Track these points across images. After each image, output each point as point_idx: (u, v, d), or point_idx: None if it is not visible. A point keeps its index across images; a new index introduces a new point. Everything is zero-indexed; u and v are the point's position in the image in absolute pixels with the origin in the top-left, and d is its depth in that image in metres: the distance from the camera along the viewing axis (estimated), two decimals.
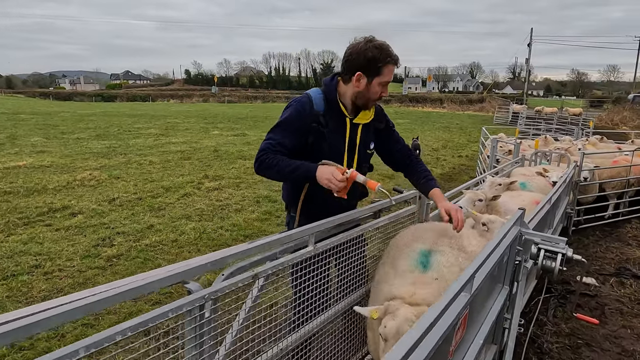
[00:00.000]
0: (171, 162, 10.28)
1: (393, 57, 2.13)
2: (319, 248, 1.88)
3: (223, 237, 5.40)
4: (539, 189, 4.57)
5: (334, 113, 2.22)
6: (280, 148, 2.11)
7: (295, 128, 2.16)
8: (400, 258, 1.92)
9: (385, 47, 2.10)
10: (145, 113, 28.34)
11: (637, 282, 4.48)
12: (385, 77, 2.15)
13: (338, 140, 2.23)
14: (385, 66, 2.11)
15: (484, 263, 1.60)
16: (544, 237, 2.60)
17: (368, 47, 2.08)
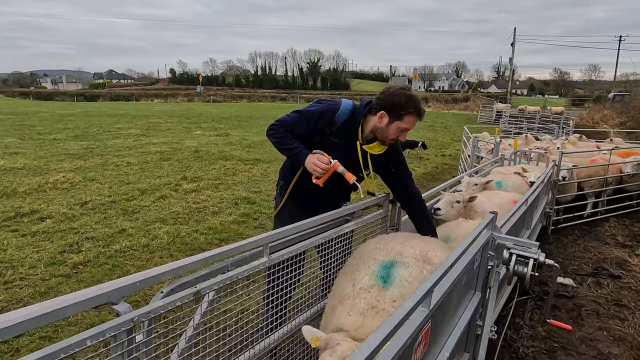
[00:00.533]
0: (149, 164, 10.05)
1: (417, 109, 2.30)
2: (274, 259, 1.76)
3: (197, 241, 5.24)
4: (514, 188, 4.52)
5: (350, 132, 2.42)
6: (289, 127, 2.42)
7: (310, 121, 2.40)
8: (361, 269, 1.80)
9: (413, 98, 2.29)
10: (127, 113, 27.85)
11: (614, 283, 4.47)
12: (405, 124, 2.32)
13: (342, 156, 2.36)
14: (407, 114, 2.29)
15: (444, 275, 1.49)
16: (516, 241, 2.52)
17: (398, 93, 2.28)
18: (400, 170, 2.62)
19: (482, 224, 2.39)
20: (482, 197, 4.10)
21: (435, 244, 2.05)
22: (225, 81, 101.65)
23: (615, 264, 5.00)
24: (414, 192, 2.66)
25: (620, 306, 3.98)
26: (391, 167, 2.60)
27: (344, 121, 2.41)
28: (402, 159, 2.65)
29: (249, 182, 8.48)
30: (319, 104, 2.49)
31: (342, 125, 2.40)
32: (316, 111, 2.42)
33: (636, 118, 22.94)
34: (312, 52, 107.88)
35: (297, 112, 2.48)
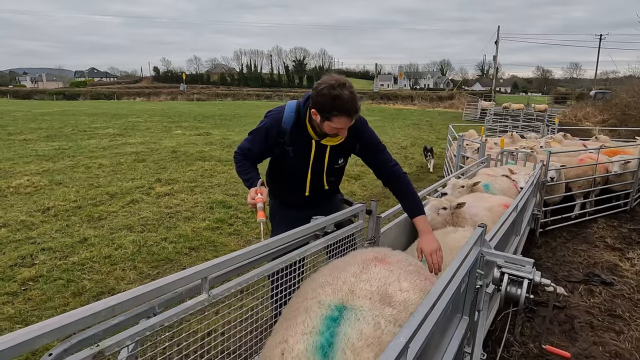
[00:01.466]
0: (123, 165, 9.57)
1: (345, 110, 2.07)
2: (216, 295, 1.42)
3: (165, 251, 4.86)
4: (502, 191, 4.26)
5: (301, 132, 2.31)
6: (248, 153, 2.40)
7: (261, 140, 2.37)
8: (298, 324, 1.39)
9: (339, 98, 2.04)
10: (106, 112, 27.06)
11: (607, 290, 4.24)
12: (335, 124, 2.13)
13: (302, 158, 2.36)
14: (334, 116, 2.09)
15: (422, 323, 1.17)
16: (508, 258, 2.24)
17: (324, 92, 2.06)
18: (367, 147, 2.44)
19: (471, 240, 2.09)
20: (470, 200, 3.83)
21: (402, 269, 1.70)
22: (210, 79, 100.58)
23: (606, 269, 4.78)
24: (391, 165, 2.46)
25: (614, 317, 3.74)
26: (356, 147, 2.44)
27: (292, 125, 2.31)
28: (366, 134, 2.42)
29: (227, 185, 8.10)
30: (266, 118, 2.42)
31: (292, 130, 2.31)
32: (262, 128, 2.37)
33: (618, 115, 23.14)
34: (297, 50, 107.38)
35: (251, 132, 2.44)
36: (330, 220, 2.24)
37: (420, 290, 1.62)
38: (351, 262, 1.76)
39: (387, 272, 1.66)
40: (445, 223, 3.25)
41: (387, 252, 1.92)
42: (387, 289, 1.56)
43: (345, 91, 2.05)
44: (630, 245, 5.53)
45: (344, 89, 2.06)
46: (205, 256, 4.80)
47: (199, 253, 4.89)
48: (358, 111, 2.14)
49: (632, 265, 4.84)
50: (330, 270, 1.76)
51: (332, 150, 2.39)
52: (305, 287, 1.72)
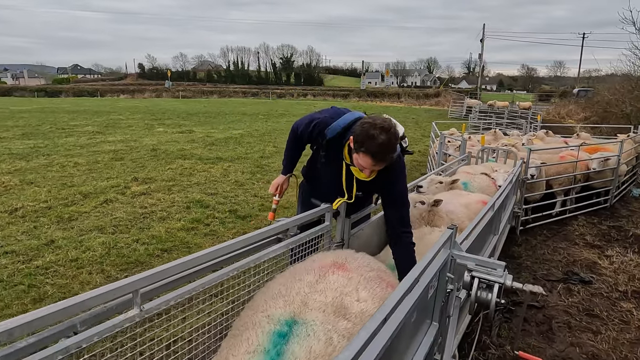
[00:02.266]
0: (99, 164, 9.31)
1: (370, 151, 2.04)
2: (150, 310, 1.28)
3: (136, 253, 4.68)
4: (480, 189, 4.19)
5: (337, 149, 2.34)
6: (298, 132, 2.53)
7: (307, 130, 2.47)
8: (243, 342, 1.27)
9: (372, 138, 2.01)
10: (87, 109, 26.52)
11: (585, 289, 4.20)
12: (360, 160, 2.12)
13: (330, 172, 2.41)
14: (362, 153, 2.08)
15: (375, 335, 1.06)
16: (479, 261, 2.13)
17: (365, 127, 2.04)
18: (389, 196, 2.34)
19: (439, 242, 1.99)
20: (448, 197, 3.74)
21: (362, 276, 1.58)
22: (196, 76, 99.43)
23: (585, 267, 4.75)
24: (403, 231, 2.33)
25: (592, 316, 3.69)
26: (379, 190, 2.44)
27: (333, 136, 2.32)
28: (396, 185, 2.32)
29: (206, 183, 7.91)
30: (324, 112, 2.49)
31: (330, 140, 2.33)
32: (314, 118, 2.45)
33: (600, 113, 23.44)
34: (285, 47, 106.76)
35: (310, 115, 2.52)
36: (293, 223, 2.11)
37: (380, 299, 1.51)
38: (308, 269, 1.63)
39: (345, 280, 1.54)
40: (421, 219, 3.15)
41: (349, 256, 1.80)
42: (343, 300, 1.44)
43: (383, 136, 2.00)
44: (610, 243, 5.53)
45: (383, 133, 2.01)
46: (178, 257, 4.62)
47: (172, 255, 4.72)
48: (385, 160, 2.09)
49: (611, 263, 4.82)
50: (286, 278, 1.63)
51: (358, 182, 2.36)
52: (259, 298, 1.59)
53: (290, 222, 2.08)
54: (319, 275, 1.57)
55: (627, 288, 4.17)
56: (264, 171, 8.88)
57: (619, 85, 21.65)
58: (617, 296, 4.04)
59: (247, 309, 1.59)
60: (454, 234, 2.09)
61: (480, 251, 3.42)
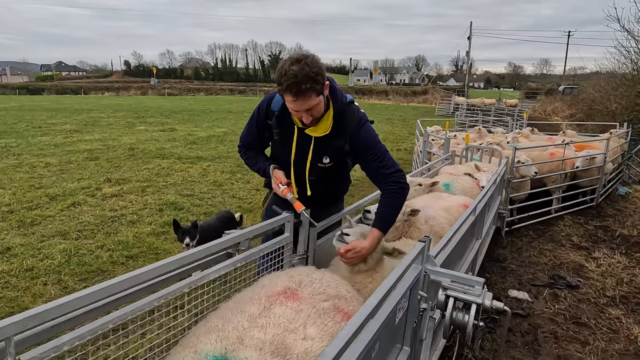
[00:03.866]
0: (72, 164, 8.91)
1: (284, 85, 1.84)
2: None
3: (99, 261, 4.37)
4: (463, 191, 3.96)
5: (287, 117, 2.14)
6: (247, 141, 2.35)
7: (253, 122, 2.28)
8: None
9: (285, 73, 1.83)
10: (68, 107, 25.83)
11: (572, 294, 4.02)
12: (288, 104, 1.95)
13: (286, 146, 2.19)
14: (282, 93, 1.91)
15: None
16: (455, 277, 1.89)
17: (279, 66, 1.88)
18: (358, 149, 2.15)
19: (410, 256, 1.75)
20: (428, 200, 3.51)
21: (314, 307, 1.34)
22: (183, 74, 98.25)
23: (572, 270, 4.58)
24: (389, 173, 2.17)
25: (579, 325, 3.50)
26: (345, 147, 2.14)
27: (280, 107, 2.13)
28: (360, 135, 2.13)
29: (183, 184, 7.60)
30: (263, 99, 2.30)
31: (280, 113, 2.15)
32: (255, 109, 2.27)
33: (585, 110, 23.56)
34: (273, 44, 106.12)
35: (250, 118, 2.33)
36: (245, 235, 1.85)
37: (330, 336, 1.26)
38: (254, 299, 1.38)
39: (292, 313, 1.29)
40: (394, 231, 2.91)
41: (304, 279, 1.55)
42: (285, 338, 1.19)
43: (294, 67, 1.81)
44: (596, 244, 5.37)
45: (294, 64, 1.82)
46: (144, 265, 4.33)
47: (137, 262, 4.42)
48: (303, 92, 1.84)
49: (598, 265, 4.65)
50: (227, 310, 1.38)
51: (317, 144, 2.14)
52: (194, 331, 1.34)
53: (241, 235, 1.82)
54: (264, 306, 1.32)
55: (614, 293, 3.99)
56: (245, 170, 8.57)
57: (604, 82, 21.76)
58: (604, 302, 3.87)
59: (179, 344, 1.34)
60: (427, 246, 1.85)
61: (461, 258, 3.20)
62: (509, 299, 3.91)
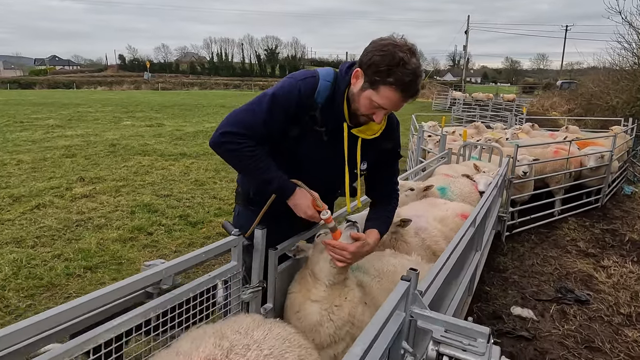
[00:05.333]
0: (47, 161, 8.40)
1: (400, 79, 1.49)
2: None
3: (52, 273, 3.89)
4: (461, 196, 3.51)
5: (335, 112, 1.67)
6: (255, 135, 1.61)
7: (277, 112, 1.62)
8: None
9: (406, 64, 1.48)
10: (56, 101, 25.18)
11: (582, 311, 3.58)
12: (380, 98, 1.54)
13: (329, 149, 1.72)
14: (387, 86, 1.51)
15: None
16: (450, 325, 1.43)
17: (388, 50, 1.49)
18: (391, 154, 1.89)
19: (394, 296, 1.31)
20: (420, 208, 3.05)
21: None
22: (179, 68, 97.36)
23: (580, 281, 4.14)
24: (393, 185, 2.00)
25: (593, 350, 3.06)
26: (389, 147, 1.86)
27: (326, 99, 1.65)
28: (398, 139, 1.90)
29: (162, 183, 7.11)
30: (291, 79, 1.68)
31: (324, 106, 1.66)
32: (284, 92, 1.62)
33: (583, 105, 23.15)
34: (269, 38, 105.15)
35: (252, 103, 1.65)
36: (171, 269, 1.38)
37: None
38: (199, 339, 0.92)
39: None
40: (381, 246, 2.44)
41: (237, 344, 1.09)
42: None
43: (414, 60, 1.50)
44: (605, 250, 4.94)
45: (413, 56, 1.50)
46: (102, 278, 3.87)
47: (96, 274, 3.95)
48: (417, 94, 1.57)
49: (609, 276, 4.22)
50: None
51: (363, 146, 1.75)
52: None
53: (166, 269, 1.35)
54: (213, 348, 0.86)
55: (630, 310, 3.56)
56: (230, 168, 8.09)
57: (604, 76, 21.35)
58: (619, 321, 3.43)
59: None
60: (411, 286, 1.39)
61: (458, 277, 2.75)
62: (511, 317, 3.47)
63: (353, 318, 1.85)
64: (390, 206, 1.97)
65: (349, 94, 1.65)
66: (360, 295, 1.87)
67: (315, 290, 1.72)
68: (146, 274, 1.29)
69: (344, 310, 1.78)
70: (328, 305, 1.74)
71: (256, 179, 1.70)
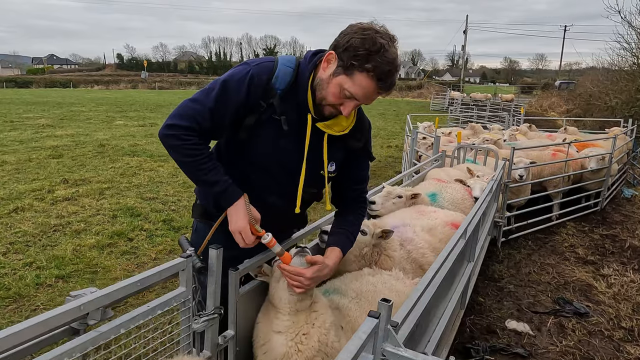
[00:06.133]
0: (32, 162, 8.17)
1: (379, 67, 1.36)
2: None
3: (20, 282, 3.67)
4: (453, 202, 3.30)
5: (297, 102, 1.51)
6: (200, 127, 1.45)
7: (228, 99, 1.46)
8: None
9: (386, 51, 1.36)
10: (50, 100, 24.90)
11: (581, 324, 3.38)
12: (350, 84, 1.40)
13: (291, 143, 1.54)
14: (364, 72, 1.38)
15: None
16: None
17: (368, 35, 1.36)
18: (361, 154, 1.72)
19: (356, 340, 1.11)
20: (407, 216, 2.85)
21: None
22: (177, 67, 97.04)
23: (579, 291, 3.94)
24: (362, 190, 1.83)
25: None
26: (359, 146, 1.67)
27: (286, 85, 1.50)
28: (369, 138, 1.71)
29: (148, 185, 6.90)
30: (244, 65, 1.54)
31: (284, 93, 1.50)
32: (235, 77, 1.48)
33: (582, 105, 22.99)
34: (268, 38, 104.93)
35: (206, 89, 1.51)
36: (99, 301, 1.17)
37: None
38: None
39: None
40: (360, 259, 2.23)
41: None
42: None
43: (394, 50, 1.40)
44: (604, 257, 4.74)
45: (391, 44, 1.40)
46: (74, 288, 3.65)
47: (68, 284, 3.74)
48: (393, 86, 1.46)
49: (609, 285, 4.02)
50: None
51: (330, 143, 1.59)
52: None
53: (86, 303, 1.14)
54: None
55: (632, 324, 3.36)
56: None
57: (603, 76, 21.18)
58: (620, 336, 3.23)
59: None
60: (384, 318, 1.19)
61: (449, 291, 2.54)
62: (506, 331, 3.27)
63: (325, 346, 1.65)
64: (354, 216, 1.80)
65: (314, 82, 1.49)
66: (332, 319, 1.67)
67: (277, 321, 1.53)
68: (63, 309, 1.08)
69: (313, 339, 1.58)
70: (294, 335, 1.54)
71: (199, 180, 1.53)
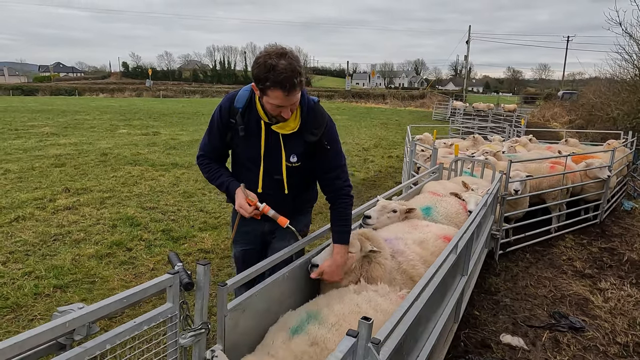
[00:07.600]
0: (34, 171, 8.25)
1: (278, 82, 1.80)
2: None
3: (19, 292, 3.71)
4: (447, 216, 3.32)
5: (253, 113, 2.09)
6: (208, 150, 2.24)
7: (215, 125, 2.17)
8: None
9: (274, 69, 1.78)
10: (55, 108, 25.15)
11: (576, 339, 3.37)
12: (271, 99, 1.88)
13: (252, 142, 2.11)
14: (269, 89, 1.84)
15: None
16: None
17: (260, 62, 1.82)
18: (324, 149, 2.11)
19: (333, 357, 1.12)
20: (400, 230, 2.87)
21: None
22: (182, 76, 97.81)
23: (575, 306, 3.94)
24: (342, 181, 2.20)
25: None
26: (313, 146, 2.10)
27: (244, 104, 2.08)
28: (328, 135, 2.11)
29: (149, 195, 6.95)
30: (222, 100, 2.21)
31: (244, 110, 2.08)
32: (217, 108, 2.16)
33: (584, 116, 22.98)
34: None
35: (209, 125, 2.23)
36: (88, 317, 1.20)
37: None
38: None
39: None
40: (350, 273, 2.25)
41: None
42: None
43: (283, 61, 1.79)
44: (602, 271, 4.73)
45: (281, 58, 1.80)
46: (72, 298, 3.69)
47: (66, 294, 3.77)
48: (295, 85, 1.83)
49: (606, 300, 4.01)
50: None
51: (287, 142, 2.09)
52: None
53: (79, 317, 1.17)
54: None
55: (627, 339, 3.35)
56: None
57: (605, 87, 21.19)
58: (615, 351, 3.22)
59: None
60: (364, 337, 1.21)
61: (441, 304, 2.56)
62: (500, 345, 3.27)
63: None
64: (337, 212, 2.19)
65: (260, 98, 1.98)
66: None
67: None
68: (49, 326, 1.11)
69: None
70: None
71: (214, 184, 2.21)
